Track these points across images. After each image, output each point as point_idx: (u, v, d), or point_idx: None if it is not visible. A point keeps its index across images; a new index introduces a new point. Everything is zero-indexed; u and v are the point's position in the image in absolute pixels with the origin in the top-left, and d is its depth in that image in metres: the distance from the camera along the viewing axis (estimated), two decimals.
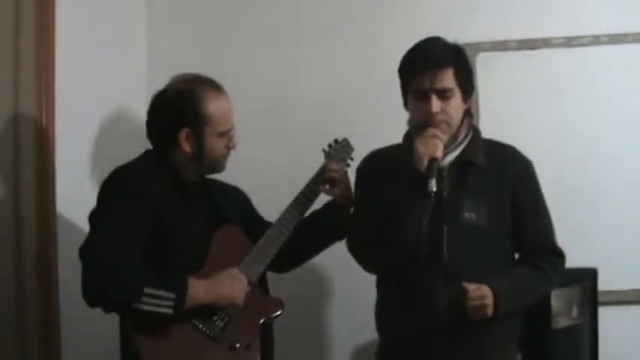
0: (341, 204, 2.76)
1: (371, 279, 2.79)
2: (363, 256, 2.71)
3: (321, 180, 2.74)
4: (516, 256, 2.70)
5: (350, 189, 2.76)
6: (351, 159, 2.80)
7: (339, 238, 2.80)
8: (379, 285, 2.74)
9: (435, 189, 2.45)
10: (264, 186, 3.17)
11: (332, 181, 2.75)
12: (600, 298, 3.11)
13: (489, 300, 2.48)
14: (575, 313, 3.03)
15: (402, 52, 2.62)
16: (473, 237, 2.56)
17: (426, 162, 2.48)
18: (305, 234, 2.71)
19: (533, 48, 3.34)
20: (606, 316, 3.15)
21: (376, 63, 3.35)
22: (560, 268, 2.67)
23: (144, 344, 2.44)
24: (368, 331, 3.29)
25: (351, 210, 2.77)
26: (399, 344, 2.64)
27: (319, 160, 2.78)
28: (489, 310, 2.49)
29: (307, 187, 2.73)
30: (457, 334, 2.53)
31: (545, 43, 3.34)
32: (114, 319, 2.54)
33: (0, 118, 2.75)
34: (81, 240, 2.47)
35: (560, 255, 2.67)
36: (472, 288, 2.47)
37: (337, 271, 3.24)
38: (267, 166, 3.38)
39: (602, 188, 3.30)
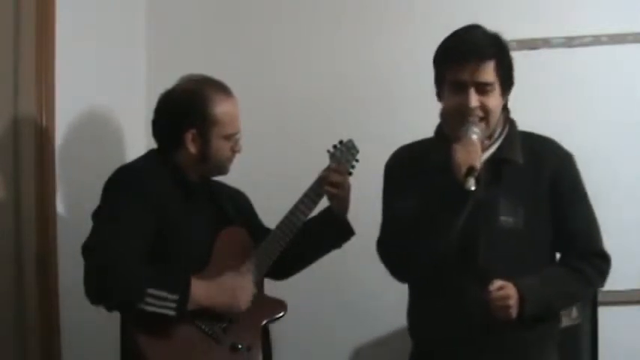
0: (337, 213, 2.72)
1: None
2: (397, 266, 2.52)
3: (322, 186, 2.70)
4: (557, 257, 2.57)
5: (348, 199, 2.70)
6: (357, 160, 2.77)
7: (335, 246, 2.78)
8: (411, 288, 2.59)
9: (473, 188, 2.29)
10: (266, 187, 3.17)
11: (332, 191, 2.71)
12: (600, 298, 3.11)
13: (513, 301, 2.32)
14: (575, 313, 3.03)
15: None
16: (510, 241, 2.40)
17: (464, 170, 2.32)
18: (302, 240, 2.68)
19: (533, 48, 3.34)
20: (606, 316, 3.15)
21: (380, 63, 3.35)
22: (604, 271, 2.49)
23: (145, 345, 2.43)
24: (366, 332, 3.31)
25: (351, 212, 2.73)
26: (432, 350, 2.51)
27: (322, 162, 2.77)
28: (513, 312, 2.32)
29: (310, 189, 2.70)
30: (491, 341, 2.40)
31: (545, 43, 3.34)
32: (114, 319, 2.54)
33: (0, 119, 2.75)
34: (81, 240, 2.47)
35: (603, 257, 2.49)
36: (495, 287, 2.33)
37: (336, 271, 3.23)
38: (268, 167, 3.37)
39: (602, 188, 3.27)
